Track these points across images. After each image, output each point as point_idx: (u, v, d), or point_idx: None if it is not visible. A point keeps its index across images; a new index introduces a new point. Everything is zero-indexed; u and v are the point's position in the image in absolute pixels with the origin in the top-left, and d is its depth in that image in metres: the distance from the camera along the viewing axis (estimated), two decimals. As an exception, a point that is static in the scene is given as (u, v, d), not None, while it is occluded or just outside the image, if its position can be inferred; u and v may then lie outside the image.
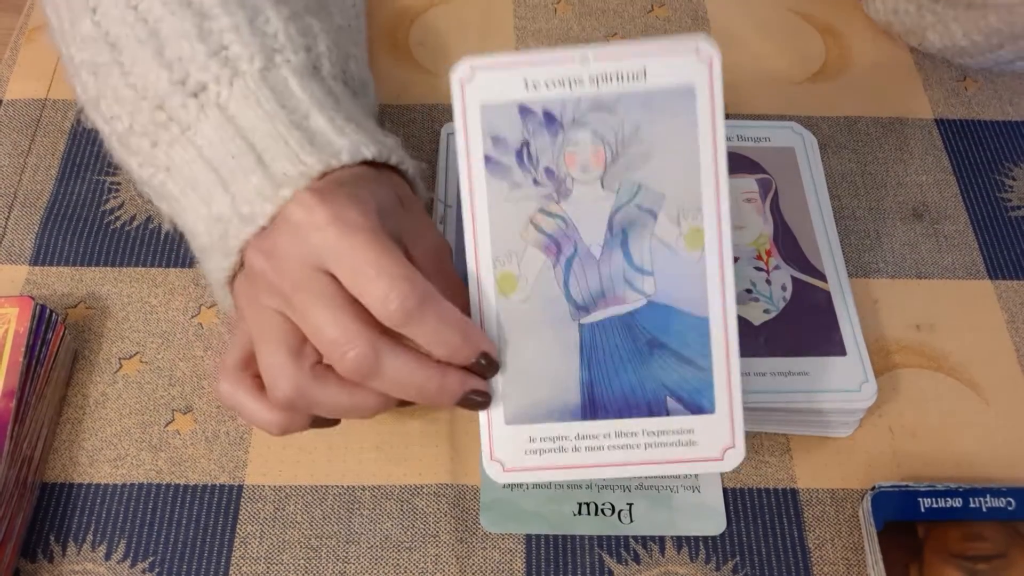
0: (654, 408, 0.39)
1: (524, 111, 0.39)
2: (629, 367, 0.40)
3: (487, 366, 0.39)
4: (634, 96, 0.38)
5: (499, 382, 0.40)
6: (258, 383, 0.39)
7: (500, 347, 0.39)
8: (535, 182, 0.39)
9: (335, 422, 0.40)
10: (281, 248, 0.38)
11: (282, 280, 0.37)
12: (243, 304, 0.40)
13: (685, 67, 0.38)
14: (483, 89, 0.39)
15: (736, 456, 0.39)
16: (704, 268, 0.39)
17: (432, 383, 0.37)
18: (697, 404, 0.39)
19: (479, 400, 0.39)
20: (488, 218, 0.39)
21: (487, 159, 0.39)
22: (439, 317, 0.37)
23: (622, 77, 0.38)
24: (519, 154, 0.39)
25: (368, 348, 0.36)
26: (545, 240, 0.39)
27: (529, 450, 0.40)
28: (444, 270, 0.41)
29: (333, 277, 0.37)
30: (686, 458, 0.40)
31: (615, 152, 0.39)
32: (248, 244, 0.39)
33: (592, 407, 0.40)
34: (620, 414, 0.39)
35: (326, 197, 0.37)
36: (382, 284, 0.35)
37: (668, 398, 0.39)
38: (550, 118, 0.39)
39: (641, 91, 0.38)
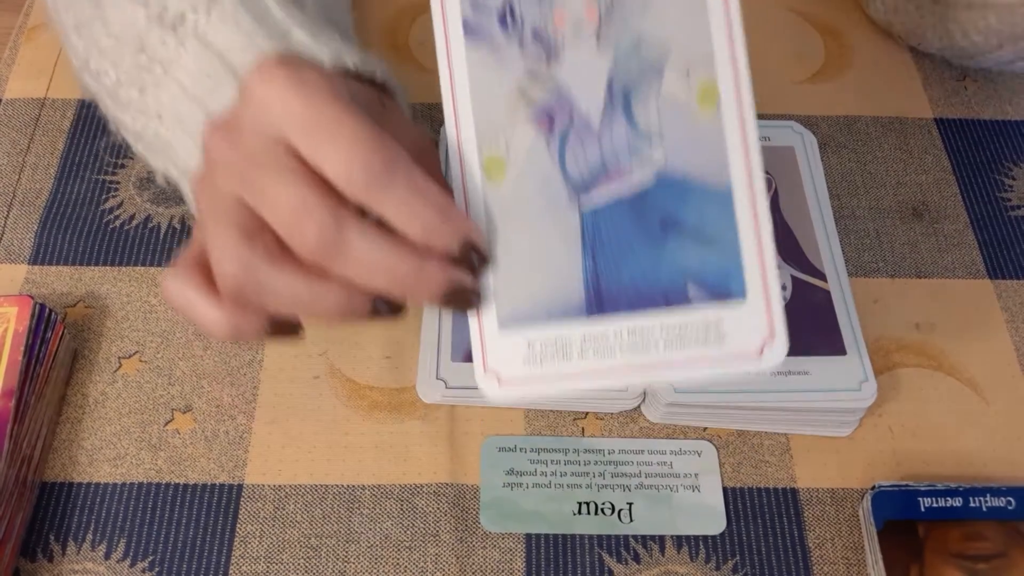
0: (672, 297, 0.33)
1: None
2: (640, 252, 0.34)
3: (475, 256, 0.34)
4: None
5: (490, 280, 0.34)
6: (210, 280, 0.35)
7: (490, 240, 0.34)
8: (521, 46, 0.34)
9: (295, 329, 0.35)
10: (239, 121, 0.34)
11: (238, 156, 0.33)
12: (199, 198, 0.36)
13: None
14: None
15: (777, 352, 0.33)
16: (722, 128, 0.33)
17: (407, 265, 0.32)
18: (724, 289, 0.33)
19: (469, 295, 0.34)
20: (470, 93, 0.34)
21: (465, 25, 0.35)
22: (411, 186, 0.32)
23: None
24: (502, 16, 0.34)
25: (329, 218, 0.31)
26: (536, 112, 0.34)
27: (528, 358, 0.34)
28: (428, 168, 0.36)
29: (294, 150, 0.33)
30: (714, 355, 0.33)
31: (609, 3, 0.34)
32: (206, 126, 0.35)
33: (599, 301, 0.34)
34: (632, 307, 0.33)
35: (287, 62, 0.33)
36: (343, 147, 0.31)
37: (689, 284, 0.33)
38: None
39: None
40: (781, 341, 0.33)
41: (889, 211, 0.55)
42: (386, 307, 0.34)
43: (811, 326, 0.47)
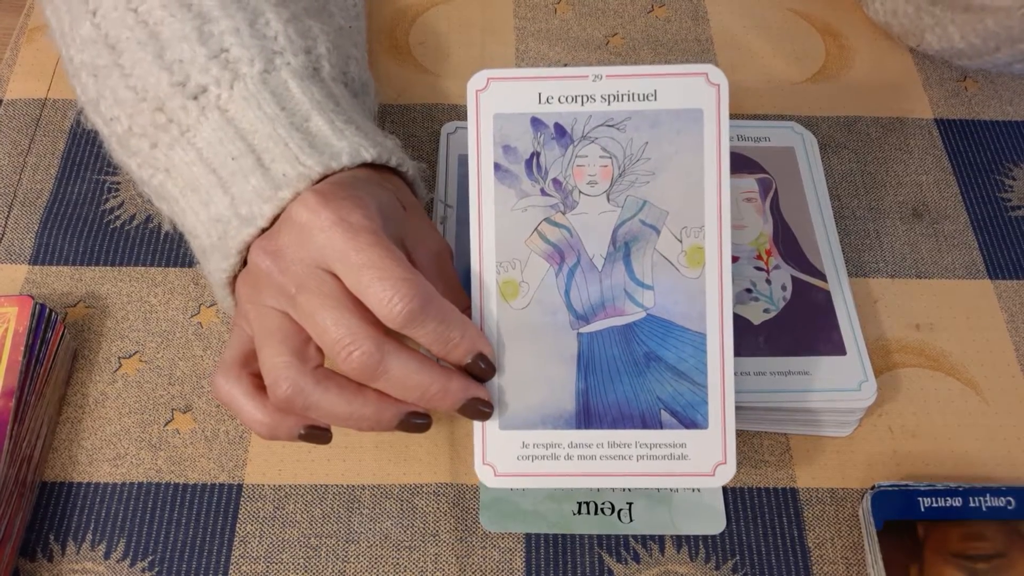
0: (648, 420, 0.40)
1: (536, 123, 0.40)
2: (625, 378, 0.40)
3: (484, 368, 0.39)
4: (644, 115, 0.40)
5: (495, 387, 0.40)
6: (255, 382, 0.39)
7: (499, 352, 0.40)
8: (543, 192, 0.40)
9: (326, 438, 0.40)
10: (286, 249, 0.38)
11: (287, 280, 0.37)
12: (245, 303, 0.40)
13: (694, 90, 0.40)
14: (497, 99, 0.40)
15: (727, 473, 0.40)
16: (704, 285, 0.40)
17: (435, 385, 0.37)
18: (691, 419, 0.40)
19: (483, 410, 0.39)
20: (494, 224, 0.40)
21: (497, 167, 0.40)
22: (440, 319, 0.37)
23: (633, 96, 0.40)
24: (528, 164, 0.40)
25: (374, 348, 0.36)
26: (549, 249, 0.40)
27: (521, 456, 0.40)
28: (445, 273, 0.41)
29: (337, 278, 0.37)
30: (677, 472, 0.40)
31: (622, 168, 0.40)
32: (252, 244, 0.39)
33: (586, 416, 0.40)
34: (614, 424, 0.40)
35: (330, 199, 0.37)
36: (386, 286, 0.36)
37: (662, 411, 0.40)
38: (561, 131, 0.40)
39: (651, 111, 0.40)
40: (731, 464, 0.40)
41: (889, 211, 0.55)
42: (420, 421, 0.39)
43: (811, 326, 0.47)
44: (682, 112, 0.40)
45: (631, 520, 0.44)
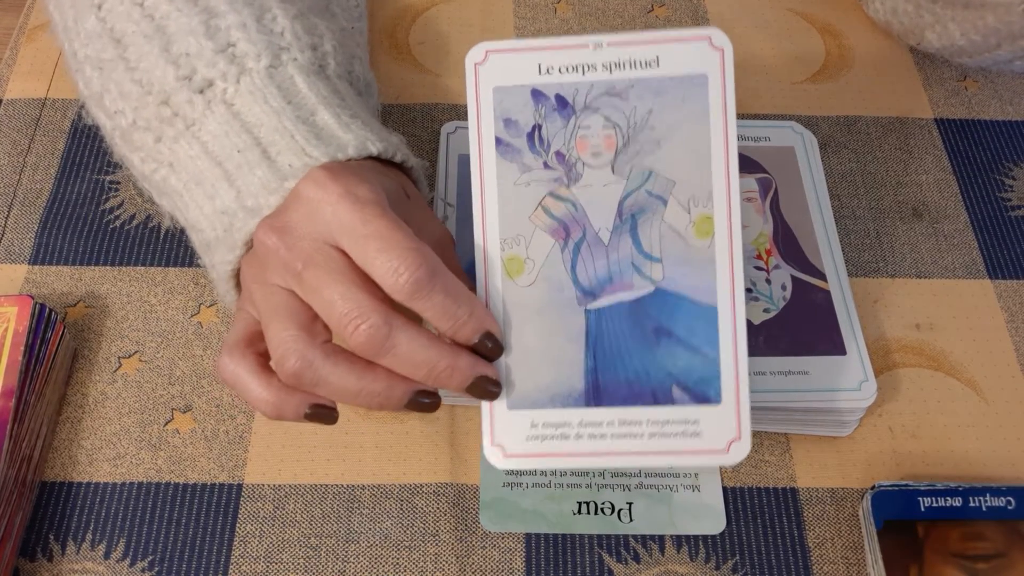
0: (659, 397, 0.39)
1: (536, 95, 0.39)
2: (635, 354, 0.39)
3: (492, 347, 0.38)
4: (646, 83, 0.39)
5: (503, 366, 0.39)
6: (260, 360, 0.39)
7: (505, 331, 0.39)
8: (545, 165, 0.39)
9: (332, 417, 0.39)
10: (293, 224, 0.37)
11: (293, 256, 0.37)
12: (250, 284, 0.39)
13: (698, 56, 0.38)
14: (496, 72, 0.39)
15: (742, 449, 0.38)
16: (713, 256, 0.39)
17: (443, 361, 0.37)
18: (703, 394, 0.39)
19: (491, 389, 0.38)
20: (497, 200, 0.39)
21: (498, 141, 0.39)
22: (447, 291, 0.36)
23: (635, 64, 0.39)
24: (530, 137, 0.39)
25: (381, 321, 0.35)
26: (554, 224, 0.39)
27: (531, 436, 0.39)
28: (447, 259, 0.40)
29: (344, 253, 0.37)
30: (690, 449, 0.39)
31: (626, 138, 0.39)
32: (259, 224, 0.39)
33: (596, 394, 0.39)
34: (624, 402, 0.39)
35: (338, 175, 0.37)
36: (392, 256, 0.35)
37: (673, 387, 0.39)
38: (562, 102, 0.39)
39: (653, 78, 0.39)
40: (746, 440, 0.38)
41: (889, 211, 0.55)
42: (428, 400, 0.38)
43: (811, 326, 0.47)
44: (686, 78, 0.38)
45: (631, 520, 0.44)
